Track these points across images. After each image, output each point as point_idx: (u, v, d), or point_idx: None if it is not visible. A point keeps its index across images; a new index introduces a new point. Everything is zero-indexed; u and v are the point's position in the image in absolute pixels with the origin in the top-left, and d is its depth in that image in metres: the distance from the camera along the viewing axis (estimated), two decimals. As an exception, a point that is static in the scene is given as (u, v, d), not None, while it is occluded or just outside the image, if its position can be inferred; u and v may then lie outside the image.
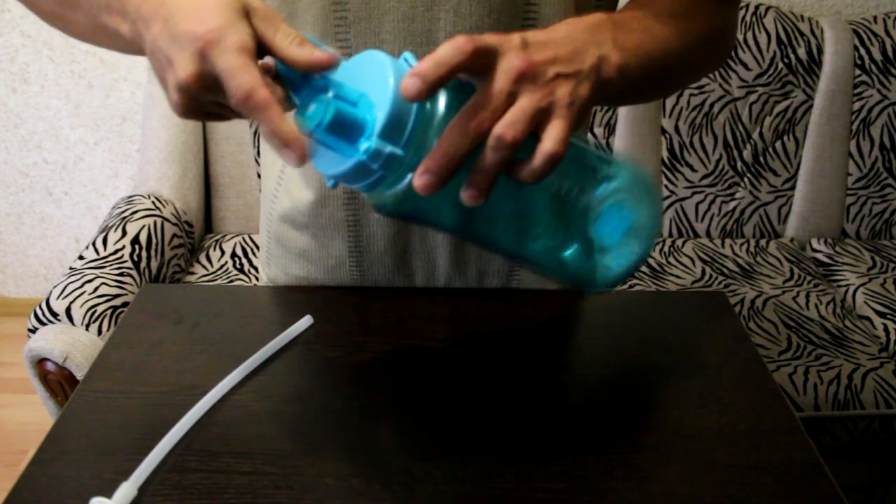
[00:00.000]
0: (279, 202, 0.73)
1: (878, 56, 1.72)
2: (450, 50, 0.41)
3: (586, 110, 0.47)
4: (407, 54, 0.44)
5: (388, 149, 0.42)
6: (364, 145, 0.42)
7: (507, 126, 0.42)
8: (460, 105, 0.43)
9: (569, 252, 0.52)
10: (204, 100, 0.44)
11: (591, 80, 0.46)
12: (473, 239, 0.54)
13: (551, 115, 0.44)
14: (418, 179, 0.42)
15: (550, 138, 0.43)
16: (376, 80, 0.43)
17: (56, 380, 1.23)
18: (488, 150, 0.42)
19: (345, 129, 0.43)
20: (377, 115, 0.42)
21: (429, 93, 0.41)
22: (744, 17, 1.69)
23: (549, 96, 0.44)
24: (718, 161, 1.76)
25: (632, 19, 0.53)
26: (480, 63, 0.42)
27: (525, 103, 0.43)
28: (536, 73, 0.43)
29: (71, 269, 1.37)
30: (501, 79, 0.43)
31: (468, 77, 0.44)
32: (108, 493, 0.49)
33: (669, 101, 1.72)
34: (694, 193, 1.78)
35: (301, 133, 0.42)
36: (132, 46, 0.49)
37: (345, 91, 0.44)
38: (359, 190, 0.45)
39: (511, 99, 0.43)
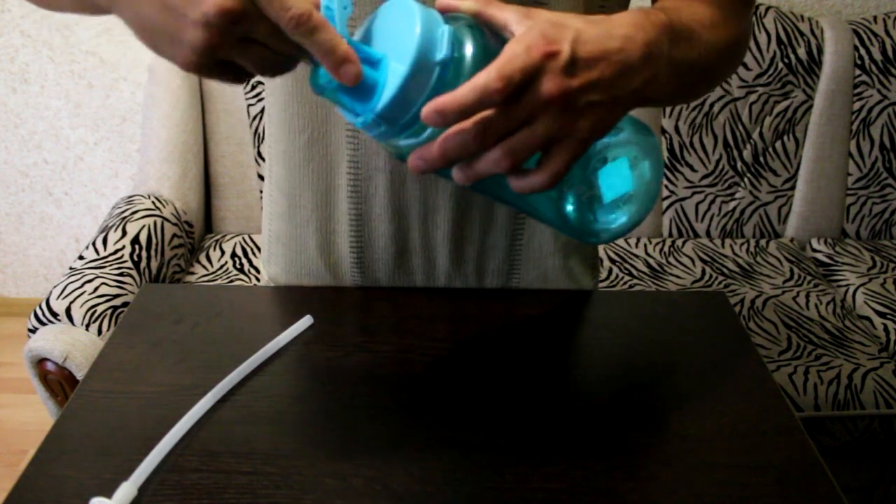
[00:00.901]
0: (280, 199, 0.74)
1: (878, 56, 1.72)
2: (476, 92, 0.40)
3: (604, 134, 0.45)
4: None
5: (382, 128, 0.42)
6: (360, 118, 0.42)
7: (511, 153, 0.41)
8: (481, 65, 0.41)
9: (570, 200, 0.50)
10: (228, 40, 0.41)
11: (626, 104, 0.45)
12: (477, 186, 0.53)
13: (561, 145, 0.42)
14: (412, 160, 0.42)
15: (548, 170, 0.42)
16: (402, 34, 0.41)
17: (56, 380, 1.23)
18: (486, 160, 0.42)
19: (356, 90, 0.42)
20: (390, 81, 0.41)
21: (444, 123, 0.40)
22: (744, 17, 1.69)
23: (568, 128, 0.42)
24: (718, 161, 1.76)
25: (686, 28, 0.51)
26: (513, 96, 0.41)
27: (540, 130, 0.41)
28: (567, 102, 0.42)
29: (71, 269, 1.37)
30: (528, 102, 0.41)
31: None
32: (108, 493, 0.49)
33: (669, 101, 1.72)
34: (694, 193, 1.78)
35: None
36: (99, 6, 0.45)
37: (365, 52, 0.43)
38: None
39: (528, 121, 0.41)
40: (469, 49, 0.43)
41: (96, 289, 1.31)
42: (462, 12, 0.45)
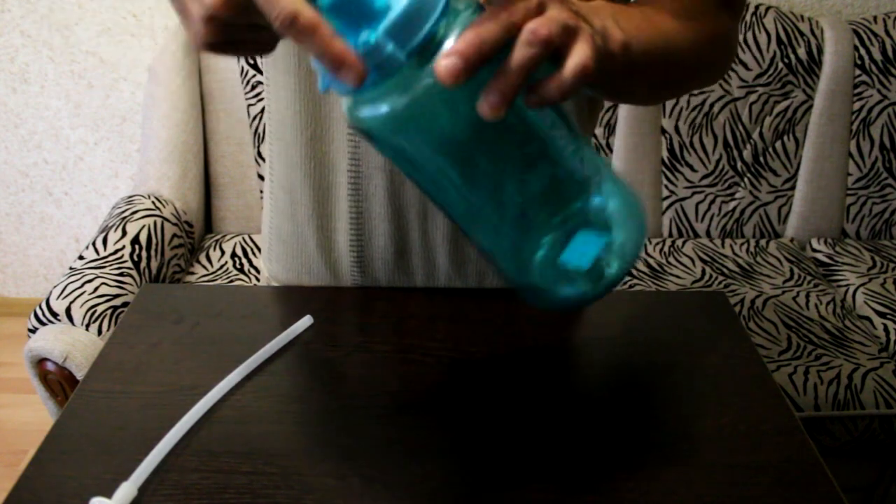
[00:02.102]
0: (281, 197, 0.74)
1: (878, 56, 1.72)
2: None
3: (606, 57, 0.45)
4: None
5: (390, 48, 0.37)
6: (363, 35, 0.37)
7: (542, 23, 0.40)
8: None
9: (539, 250, 0.46)
10: (235, 25, 0.40)
11: (600, 39, 0.45)
12: (441, 206, 0.48)
13: (577, 37, 0.41)
14: (443, 61, 0.37)
15: (579, 53, 0.41)
16: None
17: (56, 380, 1.23)
18: (520, 46, 0.39)
19: (350, 12, 0.38)
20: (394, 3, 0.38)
21: None
22: (744, 17, 1.69)
23: (576, 19, 0.42)
24: (718, 161, 1.76)
25: (633, 10, 0.52)
26: None
27: (555, 13, 0.41)
28: (563, 2, 0.42)
29: (71, 269, 1.37)
30: None
31: None
32: (108, 493, 0.49)
33: (669, 101, 1.72)
34: (694, 193, 1.78)
35: (355, 52, 0.38)
36: None
37: None
38: (339, 92, 0.41)
39: (540, 10, 0.41)
40: None
41: (96, 289, 1.31)
42: None
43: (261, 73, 1.63)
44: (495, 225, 0.46)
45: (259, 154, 1.71)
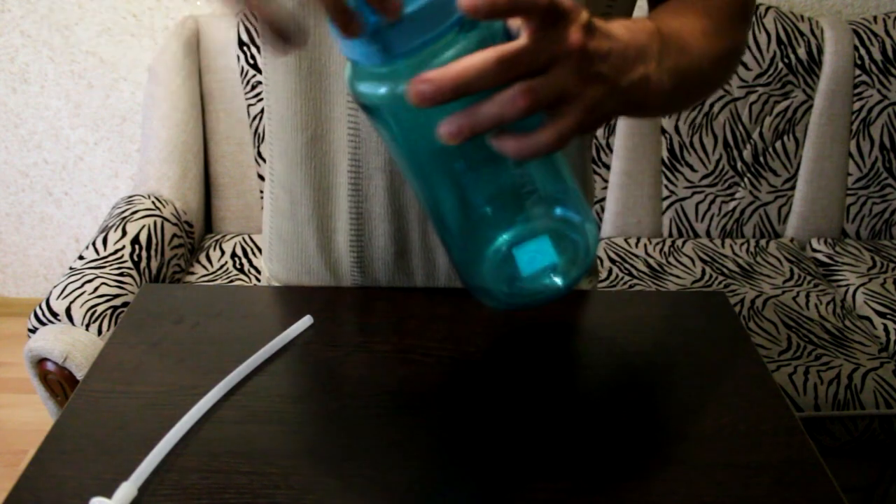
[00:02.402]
0: (281, 197, 0.74)
1: (878, 56, 1.72)
2: None
3: (601, 123, 0.45)
4: None
5: (392, 37, 0.38)
6: (369, 24, 0.38)
7: (530, 90, 0.39)
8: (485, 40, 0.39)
9: (491, 247, 0.46)
10: None
11: (625, 97, 0.44)
12: (413, 189, 0.48)
13: (570, 106, 0.41)
14: (419, 84, 0.37)
15: (556, 128, 0.41)
16: None
17: (56, 380, 1.23)
18: (499, 99, 0.39)
19: None
20: None
21: (490, 10, 0.37)
22: (744, 17, 1.69)
23: (580, 88, 0.41)
24: (718, 161, 1.76)
25: (674, 36, 0.51)
26: (549, 18, 0.39)
27: (556, 79, 0.40)
28: (583, 61, 0.41)
29: (71, 269, 1.37)
30: (552, 43, 0.40)
31: (520, 23, 0.40)
32: (108, 493, 0.49)
33: (669, 101, 1.72)
34: (694, 193, 1.78)
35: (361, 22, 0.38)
36: None
37: None
38: (349, 56, 0.41)
39: (546, 67, 0.40)
40: None
41: (96, 289, 1.31)
42: None
43: (261, 72, 1.63)
44: (456, 218, 0.47)
45: (259, 154, 1.71)
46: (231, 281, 1.58)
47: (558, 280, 0.49)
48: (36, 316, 1.27)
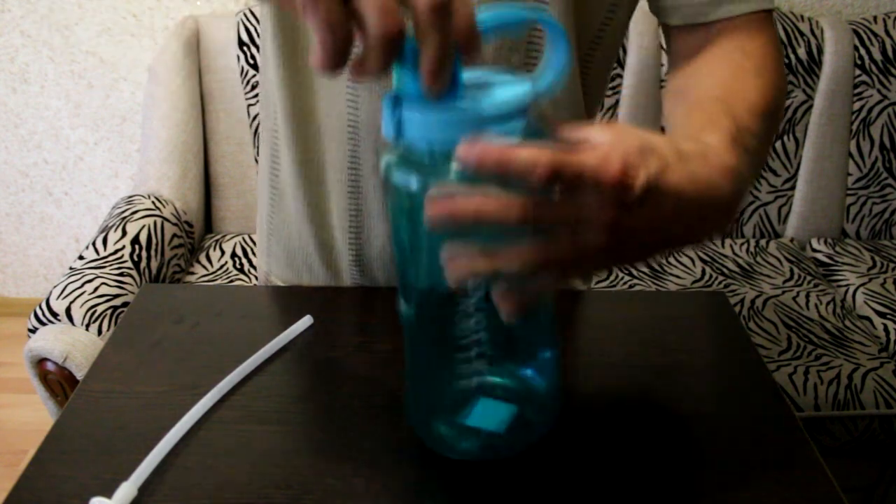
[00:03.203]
0: (279, 195, 0.74)
1: (878, 56, 1.72)
2: (526, 156, 0.35)
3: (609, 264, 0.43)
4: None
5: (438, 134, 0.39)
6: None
7: (533, 254, 0.38)
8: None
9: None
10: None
11: (633, 262, 0.43)
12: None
13: (559, 272, 0.40)
14: (435, 206, 0.37)
15: (541, 285, 0.41)
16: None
17: (56, 380, 1.23)
18: (492, 257, 0.39)
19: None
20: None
21: (475, 159, 0.36)
22: (744, 17, 1.69)
23: (590, 255, 0.39)
24: (718, 161, 1.76)
25: (749, 148, 0.49)
26: (592, 185, 0.37)
27: (560, 247, 0.39)
28: (613, 237, 0.39)
29: (71, 269, 1.37)
30: (581, 210, 0.38)
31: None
32: (108, 493, 0.49)
33: (669, 101, 1.72)
34: (694, 193, 1.78)
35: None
36: None
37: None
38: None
39: (572, 227, 0.39)
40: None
41: (96, 289, 1.31)
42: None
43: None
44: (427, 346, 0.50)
45: (259, 153, 1.71)
46: (231, 281, 1.58)
47: (499, 440, 0.51)
48: (36, 316, 1.27)
